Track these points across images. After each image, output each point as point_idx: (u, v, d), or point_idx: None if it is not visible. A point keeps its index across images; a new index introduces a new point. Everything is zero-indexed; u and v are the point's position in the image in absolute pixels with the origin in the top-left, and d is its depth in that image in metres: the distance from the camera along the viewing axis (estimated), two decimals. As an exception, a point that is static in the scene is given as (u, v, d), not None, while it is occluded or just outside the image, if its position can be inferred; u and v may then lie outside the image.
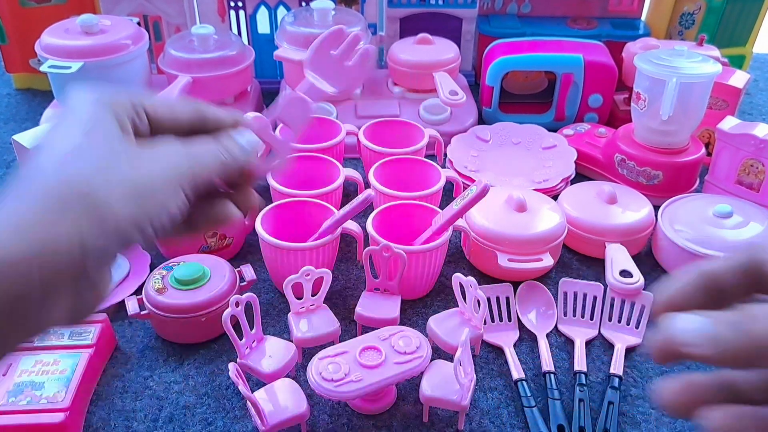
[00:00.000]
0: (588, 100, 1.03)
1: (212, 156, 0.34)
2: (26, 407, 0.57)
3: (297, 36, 1.01)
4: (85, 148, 0.30)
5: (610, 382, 0.63)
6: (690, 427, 0.60)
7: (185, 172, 0.32)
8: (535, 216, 0.77)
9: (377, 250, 0.68)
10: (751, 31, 1.17)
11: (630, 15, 1.21)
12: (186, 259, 0.71)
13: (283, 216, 0.76)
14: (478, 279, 0.65)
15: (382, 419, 0.61)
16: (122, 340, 0.69)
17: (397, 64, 1.07)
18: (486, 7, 1.22)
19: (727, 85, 0.93)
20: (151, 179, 0.31)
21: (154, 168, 0.31)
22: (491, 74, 1.03)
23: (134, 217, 0.30)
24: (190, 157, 0.33)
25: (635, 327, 0.70)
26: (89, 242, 0.28)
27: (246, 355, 0.62)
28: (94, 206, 0.28)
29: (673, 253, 0.77)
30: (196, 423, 0.60)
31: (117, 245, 0.29)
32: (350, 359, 0.58)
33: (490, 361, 0.67)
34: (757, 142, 0.82)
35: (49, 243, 0.27)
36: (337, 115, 1.02)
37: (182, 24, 1.15)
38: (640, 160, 0.89)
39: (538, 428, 0.59)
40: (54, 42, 0.95)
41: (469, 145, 0.97)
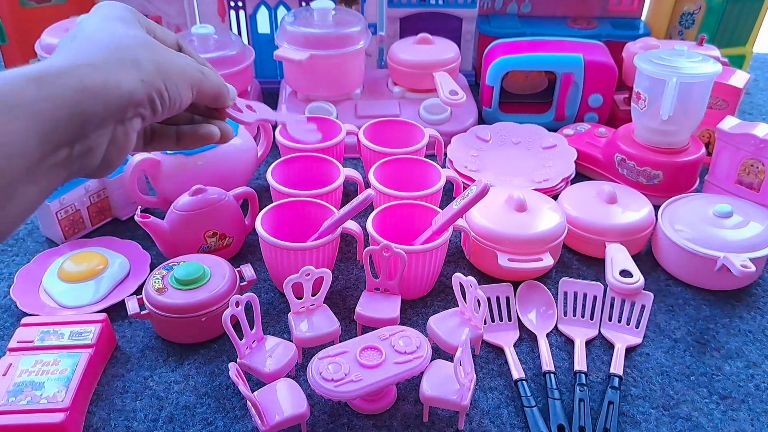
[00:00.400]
0: (588, 100, 1.03)
1: (215, 77, 0.45)
2: (26, 407, 0.57)
3: (297, 36, 1.01)
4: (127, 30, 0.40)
5: (610, 382, 0.63)
6: (690, 428, 0.60)
7: (197, 76, 0.43)
8: (535, 216, 0.77)
9: (377, 250, 0.68)
10: (751, 31, 1.17)
11: (630, 15, 1.21)
12: (186, 259, 0.71)
13: (283, 216, 0.76)
14: (478, 279, 0.65)
15: (382, 419, 0.61)
16: (122, 340, 0.69)
17: (397, 64, 1.07)
18: (486, 7, 1.22)
19: (727, 85, 0.93)
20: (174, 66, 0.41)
21: (177, 61, 0.42)
22: (491, 74, 1.03)
23: (161, 86, 0.39)
24: (200, 70, 0.43)
25: (635, 327, 0.70)
26: (135, 94, 0.38)
27: (246, 355, 0.62)
28: (140, 70, 0.38)
29: (673, 253, 0.77)
30: (196, 423, 0.60)
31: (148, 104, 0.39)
32: (350, 359, 0.58)
33: (490, 361, 0.67)
34: (757, 142, 0.82)
35: (112, 85, 0.37)
36: (337, 115, 1.02)
37: (182, 24, 1.15)
38: (640, 160, 0.89)
39: (538, 428, 0.59)
40: (54, 42, 0.95)
41: (469, 145, 0.97)
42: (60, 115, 0.34)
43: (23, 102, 0.33)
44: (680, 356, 0.68)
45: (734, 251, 0.72)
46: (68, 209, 0.80)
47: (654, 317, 0.72)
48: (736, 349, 0.69)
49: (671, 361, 0.67)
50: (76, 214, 0.82)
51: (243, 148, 0.86)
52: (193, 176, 0.80)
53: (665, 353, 0.68)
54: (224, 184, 0.79)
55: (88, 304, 0.72)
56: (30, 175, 0.34)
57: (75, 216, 0.82)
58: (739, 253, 0.72)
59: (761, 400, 0.63)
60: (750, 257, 0.72)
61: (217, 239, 0.77)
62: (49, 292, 0.74)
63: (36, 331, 0.65)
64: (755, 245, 0.74)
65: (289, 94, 1.09)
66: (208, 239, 0.76)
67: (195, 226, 0.75)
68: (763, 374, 0.66)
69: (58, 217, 0.80)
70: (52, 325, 0.66)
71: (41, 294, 0.74)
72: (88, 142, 0.36)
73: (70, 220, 0.81)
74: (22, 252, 0.82)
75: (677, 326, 0.72)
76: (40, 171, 0.35)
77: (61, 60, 0.36)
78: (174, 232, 0.75)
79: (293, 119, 0.61)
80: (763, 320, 0.73)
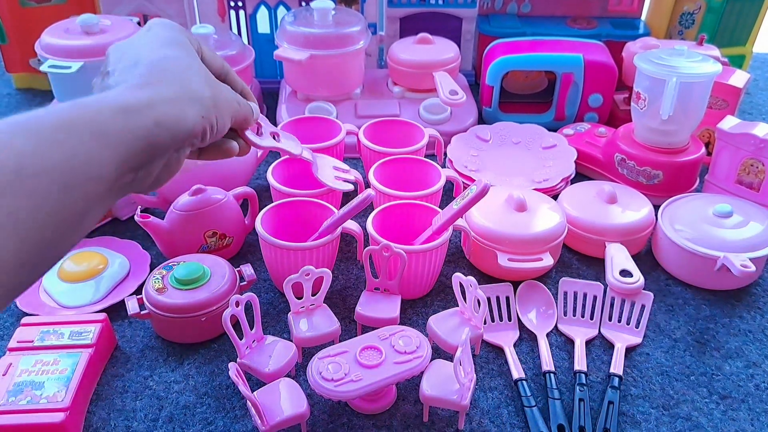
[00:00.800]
0: (588, 99, 1.03)
1: (247, 107, 0.51)
2: (26, 407, 0.57)
3: (297, 36, 1.01)
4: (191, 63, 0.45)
5: (610, 382, 0.63)
6: (689, 427, 0.60)
7: (235, 107, 0.48)
8: (535, 216, 0.77)
9: (377, 250, 0.68)
10: (751, 30, 1.17)
11: (630, 15, 1.21)
12: (186, 258, 0.71)
13: (283, 216, 0.76)
14: (478, 279, 0.65)
15: (382, 419, 0.61)
16: (122, 340, 0.69)
17: (397, 63, 1.07)
18: (486, 7, 1.22)
19: (727, 85, 0.93)
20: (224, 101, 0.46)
21: (226, 95, 0.47)
22: (491, 74, 1.03)
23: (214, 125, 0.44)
24: (239, 101, 0.49)
25: (635, 327, 0.70)
26: (196, 128, 0.42)
27: (246, 354, 0.62)
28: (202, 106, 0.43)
29: (673, 252, 0.77)
30: (196, 423, 0.60)
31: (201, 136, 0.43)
32: (350, 359, 0.58)
33: (490, 361, 0.67)
34: (757, 142, 0.82)
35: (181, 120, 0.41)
36: (337, 115, 1.02)
37: (182, 24, 1.15)
38: (640, 160, 0.89)
39: (538, 428, 0.59)
40: (54, 42, 0.95)
41: (469, 145, 0.97)
42: (138, 146, 0.38)
43: (114, 132, 0.37)
44: (680, 356, 0.68)
45: (734, 251, 0.72)
46: (68, 209, 0.80)
47: (654, 317, 0.72)
48: (736, 349, 0.69)
49: (671, 361, 0.67)
50: (76, 214, 0.82)
51: (243, 148, 0.86)
52: (193, 176, 0.80)
53: (665, 353, 0.68)
54: (224, 184, 0.79)
55: (88, 304, 0.72)
56: (103, 197, 0.37)
57: (75, 216, 0.82)
58: (739, 253, 0.72)
59: (761, 400, 0.63)
60: (750, 257, 0.72)
61: (217, 239, 0.77)
62: (49, 292, 0.73)
63: (36, 331, 0.65)
64: (755, 245, 0.74)
65: (289, 94, 1.09)
66: (208, 239, 0.76)
67: (195, 226, 0.75)
68: (763, 374, 0.66)
69: (58, 217, 0.80)
70: (52, 325, 0.66)
71: (41, 294, 0.74)
72: (151, 168, 0.40)
73: (70, 220, 0.81)
74: (22, 252, 0.81)
75: (677, 326, 0.72)
76: (110, 194, 0.38)
77: (142, 93, 0.40)
78: (174, 232, 0.75)
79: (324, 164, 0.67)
80: (763, 320, 0.73)
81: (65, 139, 0.35)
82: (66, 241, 0.36)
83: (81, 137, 0.35)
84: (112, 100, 0.38)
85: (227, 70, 0.51)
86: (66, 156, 0.34)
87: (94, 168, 0.35)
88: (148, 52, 0.43)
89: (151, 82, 0.41)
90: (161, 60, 0.43)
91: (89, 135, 0.36)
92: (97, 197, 0.36)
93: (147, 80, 0.41)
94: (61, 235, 0.35)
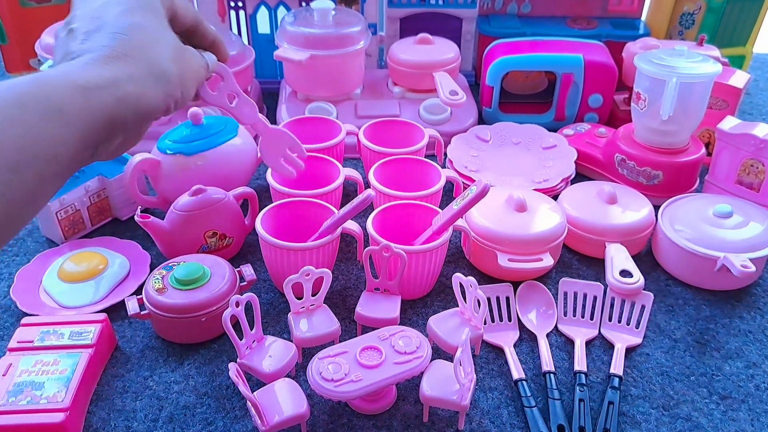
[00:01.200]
0: (588, 100, 1.03)
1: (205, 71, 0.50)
2: (26, 407, 0.57)
3: (297, 36, 1.01)
4: (160, 34, 0.44)
5: (610, 382, 0.63)
6: (690, 428, 0.60)
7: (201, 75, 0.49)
8: (535, 216, 0.77)
9: (377, 250, 0.68)
10: (751, 31, 1.17)
11: (630, 15, 1.21)
12: (186, 259, 0.71)
13: (283, 216, 0.76)
14: (478, 279, 0.65)
15: (382, 419, 0.61)
16: (122, 340, 0.69)
17: (397, 64, 1.07)
18: (486, 7, 1.22)
19: (727, 85, 0.93)
20: (191, 72, 0.46)
21: (193, 65, 0.47)
22: (491, 74, 1.03)
23: (178, 100, 0.44)
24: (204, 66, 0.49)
25: (635, 327, 0.70)
26: (160, 105, 0.42)
27: (246, 355, 0.62)
28: (168, 83, 0.42)
29: (673, 253, 0.77)
30: (196, 423, 0.60)
31: (164, 111, 0.43)
32: (350, 359, 0.58)
33: (490, 361, 0.67)
34: (757, 142, 0.82)
35: (143, 98, 0.40)
36: (337, 115, 1.02)
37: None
38: (640, 160, 0.89)
39: (538, 428, 0.59)
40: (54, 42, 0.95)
41: (469, 145, 0.97)
42: (98, 123, 0.37)
43: (72, 110, 0.36)
44: (680, 356, 0.68)
45: (734, 251, 0.72)
46: (68, 209, 0.80)
47: (654, 317, 0.72)
48: (736, 349, 0.69)
49: (671, 361, 0.67)
50: (76, 214, 0.82)
51: (243, 148, 0.86)
52: (193, 176, 0.80)
53: (665, 353, 0.68)
54: (224, 184, 0.79)
55: (88, 304, 0.72)
56: (57, 175, 0.36)
57: (75, 216, 0.82)
58: (739, 253, 0.72)
59: (761, 400, 0.63)
60: (750, 257, 0.72)
61: (217, 239, 0.77)
62: (49, 292, 0.73)
63: (36, 331, 0.65)
64: (755, 245, 0.74)
65: (289, 94, 1.09)
66: (208, 239, 0.76)
67: (195, 226, 0.75)
68: (763, 374, 0.66)
69: (58, 217, 0.80)
70: (52, 325, 0.66)
71: (41, 294, 0.74)
72: (109, 144, 0.40)
73: (70, 220, 0.81)
74: (22, 252, 0.82)
75: (677, 326, 0.72)
76: (66, 171, 0.37)
77: (105, 70, 0.39)
78: (174, 232, 0.75)
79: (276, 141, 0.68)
80: (763, 320, 0.73)
81: (18, 115, 0.33)
82: (16, 221, 0.35)
83: (34, 114, 0.34)
84: (74, 75, 0.37)
85: (198, 20, 0.50)
86: (17, 133, 0.33)
87: (48, 146, 0.34)
88: (116, 17, 0.42)
89: (116, 56, 0.40)
90: (129, 29, 0.41)
91: (44, 112, 0.34)
92: (51, 176, 0.35)
93: (112, 53, 0.40)
94: (10, 216, 0.34)
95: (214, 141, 0.82)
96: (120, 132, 0.40)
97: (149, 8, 0.44)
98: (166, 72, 0.42)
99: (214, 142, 0.82)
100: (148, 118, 0.42)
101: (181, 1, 0.48)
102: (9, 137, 0.33)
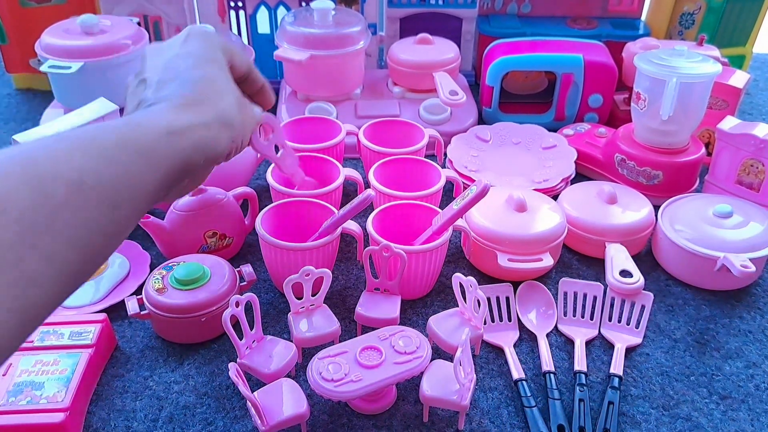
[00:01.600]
0: (588, 100, 1.03)
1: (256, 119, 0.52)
2: (26, 407, 0.57)
3: (297, 36, 1.01)
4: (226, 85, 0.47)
5: (610, 382, 0.63)
6: (689, 428, 0.60)
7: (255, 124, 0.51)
8: (535, 216, 0.77)
9: (377, 250, 0.68)
10: (751, 31, 1.17)
11: (630, 15, 1.21)
12: (186, 259, 0.71)
13: (283, 216, 0.76)
14: (478, 279, 0.65)
15: (382, 419, 0.60)
16: (122, 340, 0.69)
17: (397, 64, 1.07)
18: (486, 7, 1.22)
19: (727, 85, 0.93)
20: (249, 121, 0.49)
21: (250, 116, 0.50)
22: (491, 74, 1.03)
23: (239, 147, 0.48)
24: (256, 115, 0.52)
25: (635, 327, 0.70)
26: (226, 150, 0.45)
27: (246, 355, 0.62)
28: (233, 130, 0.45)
29: (673, 253, 0.77)
30: (196, 423, 0.60)
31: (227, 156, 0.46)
32: (350, 359, 0.58)
33: (490, 361, 0.67)
34: (757, 142, 0.82)
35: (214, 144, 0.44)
36: (337, 115, 1.02)
37: (182, 24, 1.15)
38: (640, 160, 0.89)
39: (538, 428, 0.59)
40: (54, 42, 0.95)
41: (469, 145, 0.97)
42: (177, 165, 0.40)
43: (160, 153, 0.39)
44: (680, 356, 0.68)
45: (734, 251, 0.72)
46: (68, 209, 0.80)
47: (654, 317, 0.72)
48: (736, 349, 0.69)
49: (671, 361, 0.67)
50: (76, 214, 0.82)
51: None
52: (193, 176, 0.80)
53: (665, 353, 0.68)
54: (224, 184, 0.79)
55: (88, 304, 0.72)
56: (140, 213, 0.38)
57: (75, 216, 0.82)
58: (739, 253, 0.72)
59: (761, 400, 0.63)
60: (750, 257, 0.72)
61: (217, 239, 0.77)
62: (49, 292, 0.73)
63: (36, 331, 0.65)
64: (755, 245, 0.74)
65: (289, 94, 1.09)
66: (208, 239, 0.76)
67: (195, 226, 0.75)
68: (763, 374, 0.66)
69: (58, 217, 0.80)
70: (52, 325, 0.66)
71: (41, 294, 0.74)
72: (181, 185, 0.43)
73: (70, 220, 0.81)
74: (22, 252, 0.81)
75: (677, 326, 0.72)
76: (147, 209, 0.40)
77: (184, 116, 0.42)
78: (174, 232, 0.75)
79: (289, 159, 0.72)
80: (763, 320, 0.73)
81: (119, 157, 0.36)
82: (107, 252, 0.37)
83: (132, 156, 0.37)
84: (158, 120, 0.40)
85: (251, 68, 0.53)
86: (119, 173, 0.36)
87: (140, 185, 0.37)
88: (187, 69, 0.45)
89: (191, 104, 0.43)
90: (200, 80, 0.45)
91: (139, 155, 0.38)
92: (137, 213, 0.38)
93: (187, 101, 0.43)
94: (104, 248, 0.36)
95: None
96: (191, 174, 0.42)
97: (215, 61, 0.47)
98: (232, 120, 0.45)
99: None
100: (214, 162, 0.45)
101: (238, 52, 0.51)
102: (111, 176, 0.35)
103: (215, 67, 0.47)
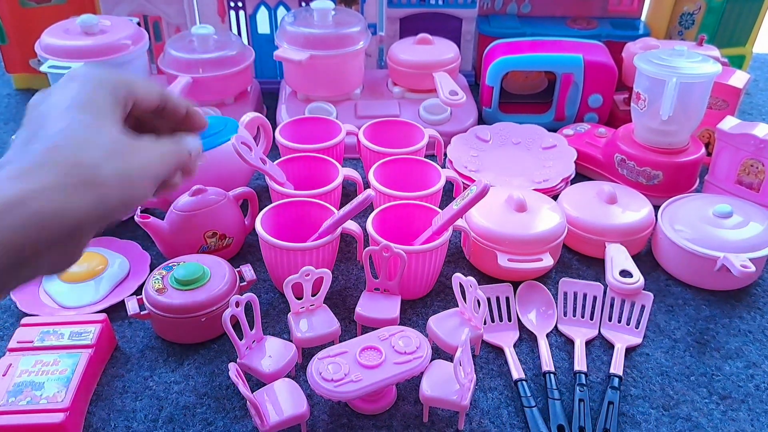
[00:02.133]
0: (588, 100, 1.03)
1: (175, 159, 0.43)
2: (26, 407, 0.57)
3: (297, 36, 1.01)
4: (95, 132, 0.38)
5: (610, 382, 0.63)
6: (689, 428, 0.60)
7: (156, 169, 0.41)
8: (535, 216, 0.77)
9: (377, 250, 0.68)
10: (751, 31, 1.17)
11: (630, 15, 1.21)
12: (186, 259, 0.71)
13: (283, 216, 0.76)
14: (478, 279, 0.65)
15: (382, 419, 0.61)
16: (122, 340, 0.69)
17: (397, 64, 1.07)
18: (486, 7, 1.22)
19: (727, 85, 0.93)
20: (138, 170, 0.39)
21: (141, 160, 0.40)
22: (491, 74, 1.03)
23: (123, 204, 0.38)
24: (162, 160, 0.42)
25: (635, 327, 0.70)
26: (87, 218, 0.36)
27: (246, 355, 0.62)
28: (97, 189, 0.36)
29: (673, 253, 0.77)
30: (196, 423, 0.60)
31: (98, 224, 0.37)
32: (350, 359, 0.58)
33: (490, 361, 0.67)
34: (757, 142, 0.82)
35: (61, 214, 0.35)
36: (337, 115, 1.02)
37: (182, 24, 1.15)
38: (640, 160, 0.89)
39: (538, 428, 0.59)
40: (54, 42, 0.95)
41: (469, 145, 0.97)
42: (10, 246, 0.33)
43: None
44: (680, 356, 0.68)
45: (734, 251, 0.72)
46: (68, 209, 0.80)
47: (654, 317, 0.72)
48: (736, 349, 0.69)
49: (671, 361, 0.67)
50: (76, 214, 0.82)
51: (243, 149, 0.86)
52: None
53: (665, 353, 0.68)
54: (224, 184, 0.79)
55: (88, 305, 0.72)
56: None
57: (75, 216, 0.82)
58: (739, 253, 0.72)
59: (761, 400, 0.63)
60: (750, 257, 0.72)
61: (217, 239, 0.77)
62: (49, 293, 0.73)
63: (36, 332, 0.65)
64: (755, 245, 0.74)
65: (289, 94, 1.09)
66: (208, 239, 0.76)
67: (195, 226, 0.75)
68: (763, 374, 0.66)
69: (58, 218, 0.80)
70: (52, 326, 0.66)
71: (41, 294, 0.74)
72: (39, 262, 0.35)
73: (70, 221, 0.81)
74: (22, 252, 0.81)
75: (677, 326, 0.72)
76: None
77: (13, 187, 0.34)
78: (174, 232, 0.75)
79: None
80: (763, 320, 0.73)
81: None
82: None
83: None
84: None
85: (165, 98, 0.45)
86: None
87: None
88: (54, 120, 0.38)
89: (32, 168, 0.35)
90: (61, 132, 0.37)
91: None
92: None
93: (31, 164, 0.35)
94: None
95: (214, 141, 0.82)
96: (43, 251, 0.35)
97: (91, 105, 0.39)
98: (96, 175, 0.36)
99: (214, 142, 0.82)
100: (78, 231, 0.36)
101: (142, 84, 0.43)
102: None
103: (88, 114, 0.39)
